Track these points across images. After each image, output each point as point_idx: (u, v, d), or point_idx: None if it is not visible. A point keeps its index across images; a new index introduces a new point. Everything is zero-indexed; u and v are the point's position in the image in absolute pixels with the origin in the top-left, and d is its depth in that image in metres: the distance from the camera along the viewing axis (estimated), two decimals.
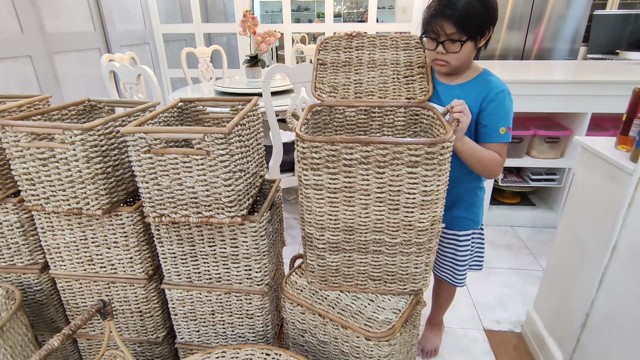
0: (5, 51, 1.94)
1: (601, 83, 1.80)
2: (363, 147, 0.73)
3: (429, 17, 0.94)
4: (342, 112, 1.05)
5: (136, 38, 3.15)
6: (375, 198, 0.79)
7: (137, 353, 1.15)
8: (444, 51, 0.94)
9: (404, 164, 0.74)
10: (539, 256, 1.94)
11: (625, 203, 0.93)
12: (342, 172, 0.77)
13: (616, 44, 3.66)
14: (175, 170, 0.80)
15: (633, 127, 0.99)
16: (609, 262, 0.99)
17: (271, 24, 4.12)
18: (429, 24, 0.94)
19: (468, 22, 0.89)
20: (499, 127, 0.97)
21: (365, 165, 0.75)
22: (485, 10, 0.90)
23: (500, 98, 0.97)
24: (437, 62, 0.98)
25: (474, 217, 1.15)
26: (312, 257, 0.92)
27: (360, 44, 1.08)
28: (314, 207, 0.83)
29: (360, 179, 0.77)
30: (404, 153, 0.73)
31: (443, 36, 0.92)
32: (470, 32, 0.91)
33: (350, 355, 0.89)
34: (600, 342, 1.03)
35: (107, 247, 0.99)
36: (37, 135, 0.84)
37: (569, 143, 2.02)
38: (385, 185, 0.77)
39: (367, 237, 0.85)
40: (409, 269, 0.88)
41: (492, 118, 0.98)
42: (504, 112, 0.98)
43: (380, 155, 0.74)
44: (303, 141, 0.76)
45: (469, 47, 0.94)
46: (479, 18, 0.90)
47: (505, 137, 0.98)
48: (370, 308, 0.90)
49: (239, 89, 2.15)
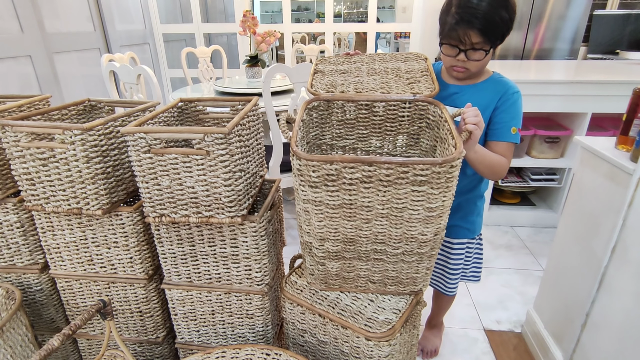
0: (5, 51, 1.94)
1: (601, 83, 1.80)
2: (365, 167, 0.68)
3: (453, 24, 0.89)
4: (342, 107, 0.98)
5: (136, 38, 3.15)
6: (377, 214, 0.74)
7: (137, 353, 1.15)
8: (465, 59, 0.92)
9: (409, 182, 0.69)
10: (539, 256, 1.94)
11: (625, 203, 0.93)
12: (343, 189, 0.71)
13: (616, 44, 3.66)
14: (175, 170, 0.80)
15: (633, 127, 0.99)
16: (609, 262, 0.99)
17: (271, 24, 4.12)
18: (452, 31, 0.90)
19: (495, 32, 0.88)
20: (511, 126, 0.97)
21: (368, 184, 0.70)
22: (509, 19, 0.89)
23: (514, 98, 0.97)
24: (455, 69, 0.97)
25: (470, 226, 1.13)
26: (312, 263, 0.90)
27: (359, 59, 1.07)
28: (312, 221, 0.78)
29: (362, 197, 0.72)
30: (409, 172, 0.67)
31: (467, 45, 0.90)
32: (495, 41, 0.90)
33: (350, 355, 0.89)
34: (600, 342, 1.03)
35: (107, 247, 0.99)
36: (37, 135, 0.84)
37: (569, 143, 2.02)
38: (388, 202, 0.72)
39: (368, 247, 0.81)
40: (409, 274, 0.88)
41: (506, 116, 0.97)
42: (516, 112, 0.98)
43: (384, 175, 0.68)
44: (299, 159, 0.70)
45: (489, 54, 0.93)
46: (504, 26, 0.89)
47: (515, 138, 0.98)
48: (370, 308, 0.90)
49: (239, 89, 2.15)
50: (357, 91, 0.97)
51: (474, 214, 1.12)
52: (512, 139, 0.98)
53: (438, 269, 1.19)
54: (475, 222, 1.14)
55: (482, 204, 1.14)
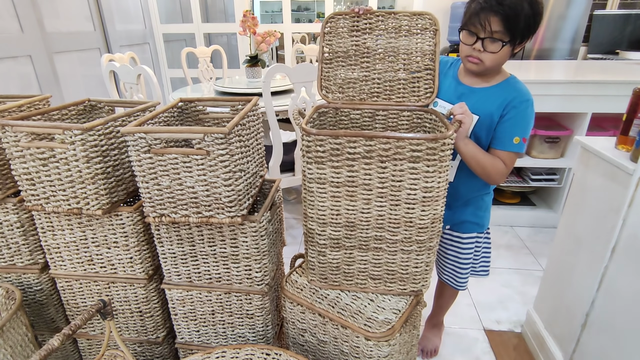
0: (5, 51, 1.94)
1: (601, 83, 1.80)
2: (366, 142, 0.75)
3: (475, 10, 0.90)
4: (348, 115, 1.06)
5: (136, 38, 3.15)
6: (377, 193, 0.80)
7: (137, 353, 1.15)
8: (481, 48, 0.91)
9: (406, 158, 0.75)
10: (539, 256, 1.94)
11: (625, 203, 0.93)
12: (345, 165, 0.78)
13: (616, 44, 3.66)
14: (175, 170, 0.80)
15: (633, 127, 0.99)
16: (609, 262, 0.99)
17: (271, 24, 4.12)
18: (473, 16, 0.90)
19: (516, 23, 0.87)
20: (514, 135, 0.95)
21: (368, 159, 0.77)
22: (533, 15, 0.88)
23: (522, 107, 0.95)
24: (470, 59, 0.95)
25: (479, 221, 1.14)
26: (313, 254, 0.92)
27: (368, 25, 0.99)
28: (316, 202, 0.84)
29: (363, 173, 0.78)
30: (405, 148, 0.74)
31: (486, 32, 0.89)
32: (514, 34, 0.88)
33: (350, 355, 0.89)
34: (600, 342, 1.03)
35: (107, 247, 0.99)
36: (37, 135, 0.84)
37: (569, 143, 2.02)
38: (387, 180, 0.78)
39: (369, 233, 0.85)
40: (409, 268, 0.88)
41: (509, 125, 0.96)
42: (522, 121, 0.96)
43: (383, 150, 0.75)
44: (309, 135, 0.78)
45: (507, 50, 0.91)
46: (527, 22, 0.87)
47: (518, 148, 0.96)
48: (370, 308, 0.91)
49: (239, 89, 2.15)
50: (361, 94, 1.04)
51: (482, 209, 1.14)
52: (514, 149, 0.96)
53: (449, 263, 1.21)
54: (484, 217, 1.15)
55: (489, 199, 1.15)
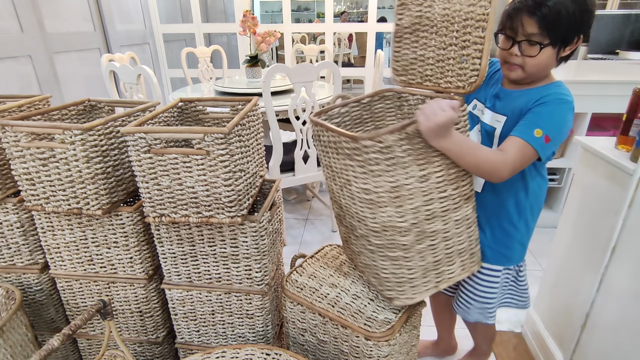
0: (5, 51, 1.94)
1: (601, 83, 1.80)
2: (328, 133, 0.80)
3: (510, 11, 0.81)
4: (408, 100, 0.96)
5: (136, 38, 3.15)
6: (341, 182, 0.84)
7: (137, 353, 1.15)
8: (518, 53, 0.81)
9: (346, 155, 0.77)
10: (539, 256, 1.94)
11: (625, 203, 0.92)
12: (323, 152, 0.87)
13: (616, 44, 3.65)
14: (175, 170, 0.80)
15: (633, 127, 0.99)
16: (609, 262, 0.99)
17: (271, 24, 4.12)
18: (508, 19, 0.81)
19: (554, 23, 0.76)
20: (536, 126, 0.79)
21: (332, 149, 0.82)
22: (579, 12, 0.76)
23: (555, 103, 0.81)
24: (508, 67, 0.85)
25: (505, 252, 0.96)
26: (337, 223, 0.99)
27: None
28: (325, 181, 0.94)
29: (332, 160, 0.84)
30: (342, 144, 0.77)
31: (521, 35, 0.79)
32: (554, 36, 0.77)
33: (350, 355, 0.89)
34: (600, 342, 1.03)
35: (107, 247, 0.99)
36: (37, 135, 0.84)
37: (569, 143, 2.02)
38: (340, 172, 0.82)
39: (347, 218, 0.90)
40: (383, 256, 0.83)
41: (535, 114, 0.82)
42: (552, 116, 0.80)
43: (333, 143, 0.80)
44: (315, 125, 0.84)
45: (549, 54, 0.80)
46: (569, 21, 0.76)
47: (536, 142, 0.79)
48: (370, 307, 0.90)
49: (239, 89, 2.15)
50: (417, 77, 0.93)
51: (510, 238, 0.96)
52: (531, 141, 0.79)
53: (462, 291, 1.05)
54: (513, 249, 0.96)
55: (523, 227, 0.95)
